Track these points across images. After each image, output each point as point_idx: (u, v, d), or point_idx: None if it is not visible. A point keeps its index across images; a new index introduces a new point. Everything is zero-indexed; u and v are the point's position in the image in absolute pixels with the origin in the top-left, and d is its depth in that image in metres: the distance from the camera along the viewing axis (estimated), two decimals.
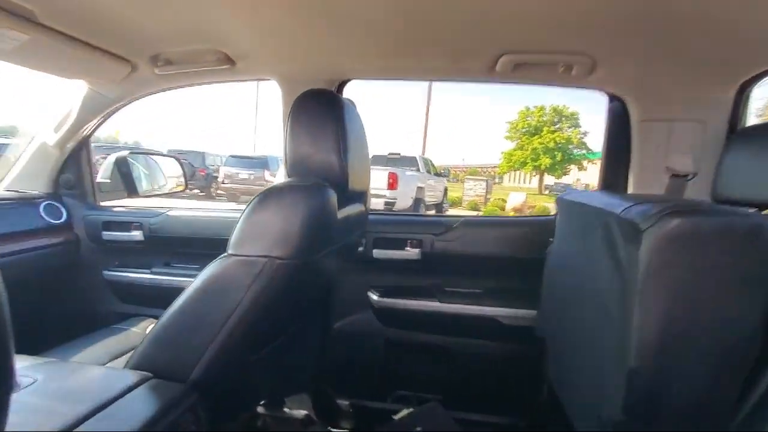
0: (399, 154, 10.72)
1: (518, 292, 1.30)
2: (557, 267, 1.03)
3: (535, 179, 28.17)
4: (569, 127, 24.46)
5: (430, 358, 1.40)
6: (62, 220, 1.48)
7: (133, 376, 0.71)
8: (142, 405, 0.66)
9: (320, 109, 0.84)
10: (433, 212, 11.20)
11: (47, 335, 1.50)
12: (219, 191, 12.05)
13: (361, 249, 1.35)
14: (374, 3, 0.87)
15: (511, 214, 10.81)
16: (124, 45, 1.10)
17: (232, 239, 0.73)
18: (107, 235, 1.50)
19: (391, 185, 8.10)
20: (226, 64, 1.16)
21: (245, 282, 0.71)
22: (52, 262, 1.45)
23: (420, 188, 9.57)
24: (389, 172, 8.17)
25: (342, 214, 0.88)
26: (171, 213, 1.52)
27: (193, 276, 1.44)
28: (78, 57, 1.07)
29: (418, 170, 10.22)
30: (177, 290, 1.44)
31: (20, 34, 0.91)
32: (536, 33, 0.97)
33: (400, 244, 1.34)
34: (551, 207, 12.59)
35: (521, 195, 12.57)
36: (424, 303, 1.32)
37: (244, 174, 11.50)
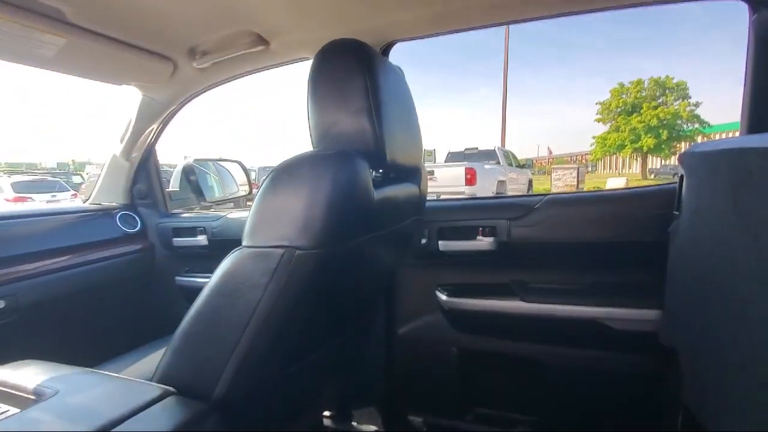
0: (476, 148, 10.24)
1: (629, 286, 1.00)
2: (689, 249, 0.74)
3: (637, 164, 25.09)
4: (675, 100, 21.37)
5: (516, 371, 1.14)
6: (137, 229, 1.54)
7: (153, 392, 0.61)
8: (155, 426, 0.56)
9: (344, 61, 0.68)
10: None
11: (125, 341, 1.57)
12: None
13: (423, 241, 1.16)
14: None
15: None
16: (160, 41, 1.07)
17: (246, 227, 0.60)
18: (177, 241, 1.53)
19: (469, 181, 7.70)
20: (260, 45, 1.07)
21: (261, 280, 0.57)
22: (129, 270, 1.51)
23: (501, 182, 9.00)
24: (466, 168, 7.78)
25: (383, 193, 0.71)
26: (230, 216, 1.49)
27: None
28: (118, 58, 1.06)
29: (498, 163, 9.64)
30: None
31: (55, 38, 0.91)
32: None
33: (469, 234, 1.12)
34: None
35: (621, 180, 11.14)
36: (503, 303, 1.08)
37: None
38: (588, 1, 0.90)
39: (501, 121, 14.04)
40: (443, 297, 1.14)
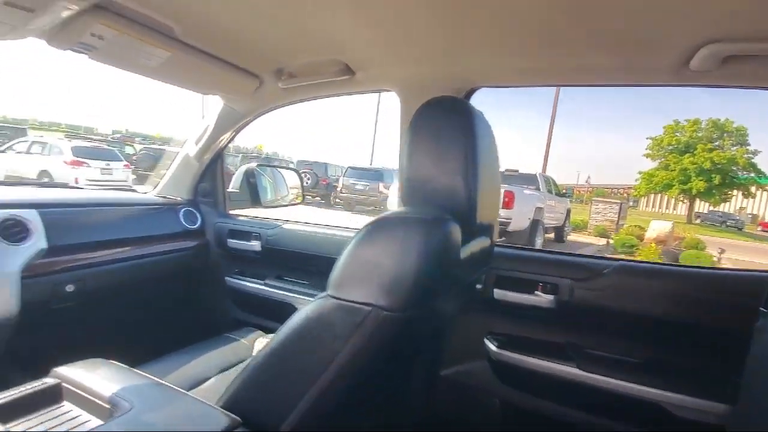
0: (517, 170, 10.04)
1: (699, 372, 0.95)
2: None
3: (682, 206, 23.90)
4: (733, 146, 20.22)
5: None
6: (197, 226, 1.60)
7: (222, 420, 0.63)
8: None
9: (446, 121, 0.68)
10: (552, 236, 10.22)
11: (172, 336, 1.63)
12: (337, 200, 12.90)
13: (479, 287, 1.14)
14: None
15: (652, 246, 9.19)
16: (252, 59, 1.12)
17: (333, 277, 0.61)
18: (231, 242, 1.57)
19: (507, 204, 7.56)
20: (346, 74, 1.10)
21: (344, 332, 0.58)
22: (185, 264, 1.57)
23: (539, 209, 8.78)
24: (505, 191, 7.65)
25: (466, 251, 0.70)
26: (286, 226, 1.53)
27: (303, 293, 1.43)
28: (212, 72, 1.11)
29: (538, 189, 9.42)
30: (287, 305, 1.45)
31: (163, 51, 0.96)
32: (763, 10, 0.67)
33: (528, 287, 1.10)
34: (704, 241, 10.33)
35: (666, 224, 10.58)
36: (555, 365, 1.05)
37: (360, 185, 12.12)
38: (696, 74, 0.86)
39: (545, 147, 13.74)
40: (492, 347, 1.12)
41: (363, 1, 0.79)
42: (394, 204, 10.23)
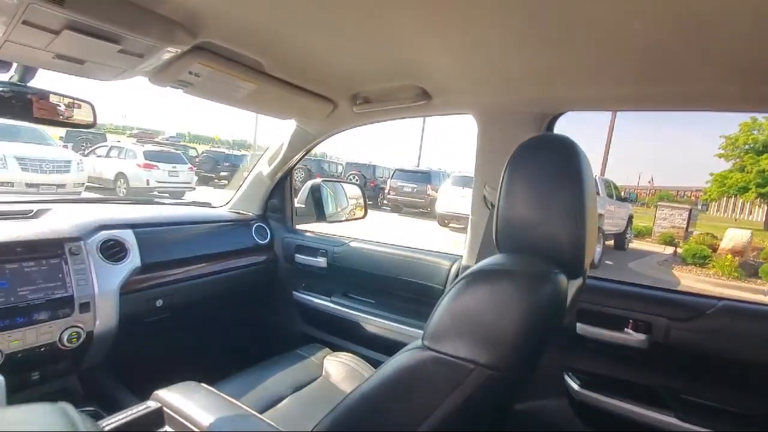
0: None
1: None
2: None
3: (759, 210, 21.55)
4: None
5: None
6: (266, 241, 1.66)
7: None
8: None
9: (552, 164, 0.64)
10: (612, 243, 9.60)
11: (246, 348, 1.70)
12: (384, 201, 12.98)
13: None
14: (622, 16, 0.63)
15: (728, 258, 8.35)
16: (329, 87, 1.14)
17: (430, 327, 0.59)
18: (299, 258, 1.61)
19: None
20: (422, 99, 1.09)
21: (443, 389, 0.56)
22: (255, 279, 1.63)
23: (599, 215, 8.29)
24: None
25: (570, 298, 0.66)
26: (353, 244, 1.54)
27: (369, 312, 1.44)
28: (291, 100, 1.14)
29: (597, 194, 8.89)
30: (353, 323, 1.47)
31: (251, 84, 1.00)
32: None
33: (617, 323, 1.02)
34: None
35: (744, 232, 9.56)
36: (647, 412, 0.97)
37: (408, 187, 12.10)
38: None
39: (605, 147, 12.94)
40: (574, 385, 1.06)
41: (443, 29, 0.77)
42: (442, 206, 10.15)
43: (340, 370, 1.23)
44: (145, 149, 10.18)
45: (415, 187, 12.08)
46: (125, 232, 1.20)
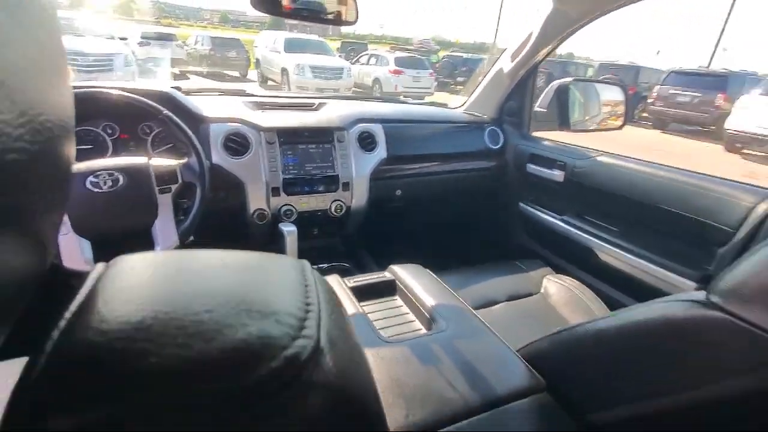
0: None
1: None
2: None
3: None
4: None
5: None
6: (499, 146, 1.58)
7: (526, 377, 0.60)
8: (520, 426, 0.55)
9: None
10: None
11: (466, 249, 1.78)
12: (644, 114, 10.43)
13: None
14: None
15: None
16: None
17: (727, 281, 0.42)
18: (531, 168, 1.49)
19: None
20: None
21: (736, 365, 0.41)
22: (481, 184, 1.62)
23: None
24: None
25: None
26: (600, 158, 1.29)
27: (609, 240, 1.23)
28: None
29: None
30: (585, 248, 1.30)
31: None
32: None
33: None
34: None
35: None
36: None
37: (685, 96, 9.19)
38: None
39: None
40: None
41: None
42: (737, 122, 7.29)
43: (562, 294, 1.13)
44: (396, 56, 11.12)
45: (697, 95, 9.04)
46: (376, 126, 1.35)
